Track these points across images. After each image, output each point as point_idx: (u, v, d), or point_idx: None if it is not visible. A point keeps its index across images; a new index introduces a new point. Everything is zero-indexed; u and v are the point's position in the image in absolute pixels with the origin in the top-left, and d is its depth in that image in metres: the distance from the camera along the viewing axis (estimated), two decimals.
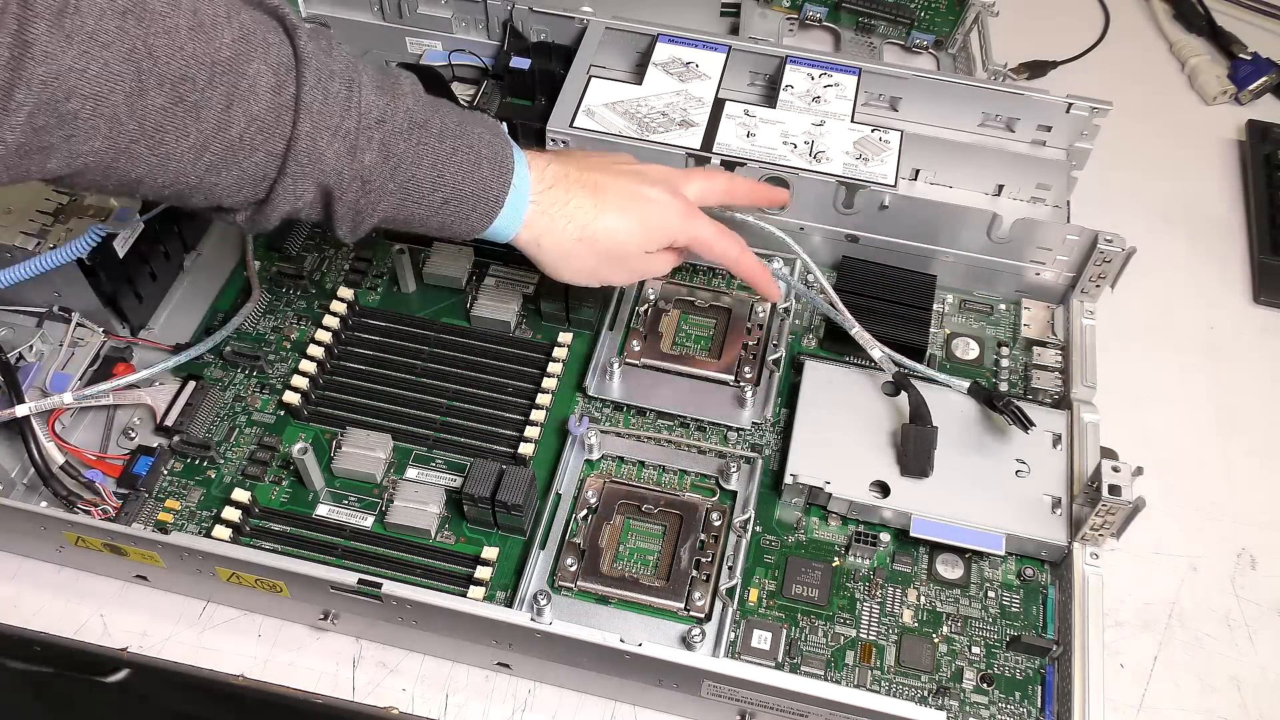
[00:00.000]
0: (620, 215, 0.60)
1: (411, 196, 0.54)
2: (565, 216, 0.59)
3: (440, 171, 0.54)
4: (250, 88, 0.48)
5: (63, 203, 0.67)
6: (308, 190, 0.51)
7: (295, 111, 0.49)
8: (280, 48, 0.49)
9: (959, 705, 0.58)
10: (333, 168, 0.51)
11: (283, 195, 0.51)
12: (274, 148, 0.49)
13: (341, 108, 0.50)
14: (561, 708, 0.60)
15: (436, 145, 0.54)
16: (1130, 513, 0.58)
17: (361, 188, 0.52)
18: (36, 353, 0.68)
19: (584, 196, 0.59)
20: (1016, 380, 0.71)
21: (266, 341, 0.72)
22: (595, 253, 0.61)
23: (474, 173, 0.55)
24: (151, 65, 0.45)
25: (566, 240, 0.59)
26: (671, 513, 0.63)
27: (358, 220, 0.54)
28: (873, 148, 0.74)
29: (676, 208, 0.62)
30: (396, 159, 0.53)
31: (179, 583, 0.62)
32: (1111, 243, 0.68)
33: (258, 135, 0.49)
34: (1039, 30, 0.96)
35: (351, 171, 0.51)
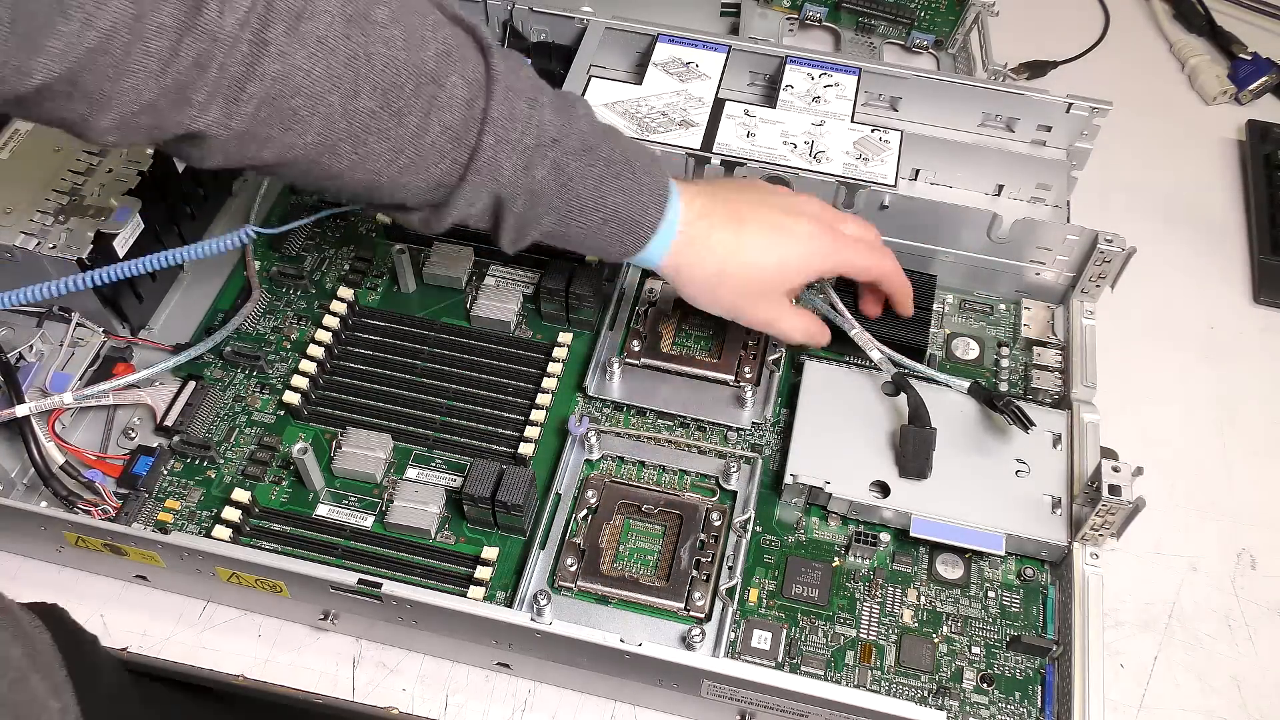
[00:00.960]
0: (762, 250, 0.61)
1: (574, 214, 0.56)
2: (706, 249, 0.60)
3: (603, 194, 0.56)
4: (448, 99, 0.51)
5: (63, 203, 0.67)
6: (481, 199, 0.54)
7: (482, 125, 0.52)
8: (476, 64, 0.53)
9: (959, 705, 0.58)
10: (508, 180, 0.53)
11: (459, 201, 0.54)
12: (459, 156, 0.53)
13: (523, 125, 0.53)
14: (561, 708, 0.60)
15: (603, 169, 0.56)
16: (1130, 513, 0.58)
17: (530, 201, 0.55)
18: (36, 353, 0.68)
19: (728, 232, 0.60)
20: (1016, 380, 0.71)
21: (266, 341, 0.72)
22: (731, 289, 0.61)
23: (634, 198, 0.57)
24: (368, 71, 0.49)
25: (706, 272, 0.60)
26: (671, 513, 0.63)
27: (521, 232, 0.57)
28: (873, 148, 0.74)
29: (822, 241, 0.62)
30: (566, 177, 0.55)
31: (179, 583, 0.62)
32: (1111, 243, 0.68)
33: (448, 144, 0.52)
34: (1039, 30, 0.96)
35: (524, 185, 0.54)
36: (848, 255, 0.63)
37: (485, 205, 0.55)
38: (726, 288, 0.61)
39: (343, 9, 0.48)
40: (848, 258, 0.63)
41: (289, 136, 0.49)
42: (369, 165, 0.52)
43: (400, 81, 0.50)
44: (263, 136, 0.49)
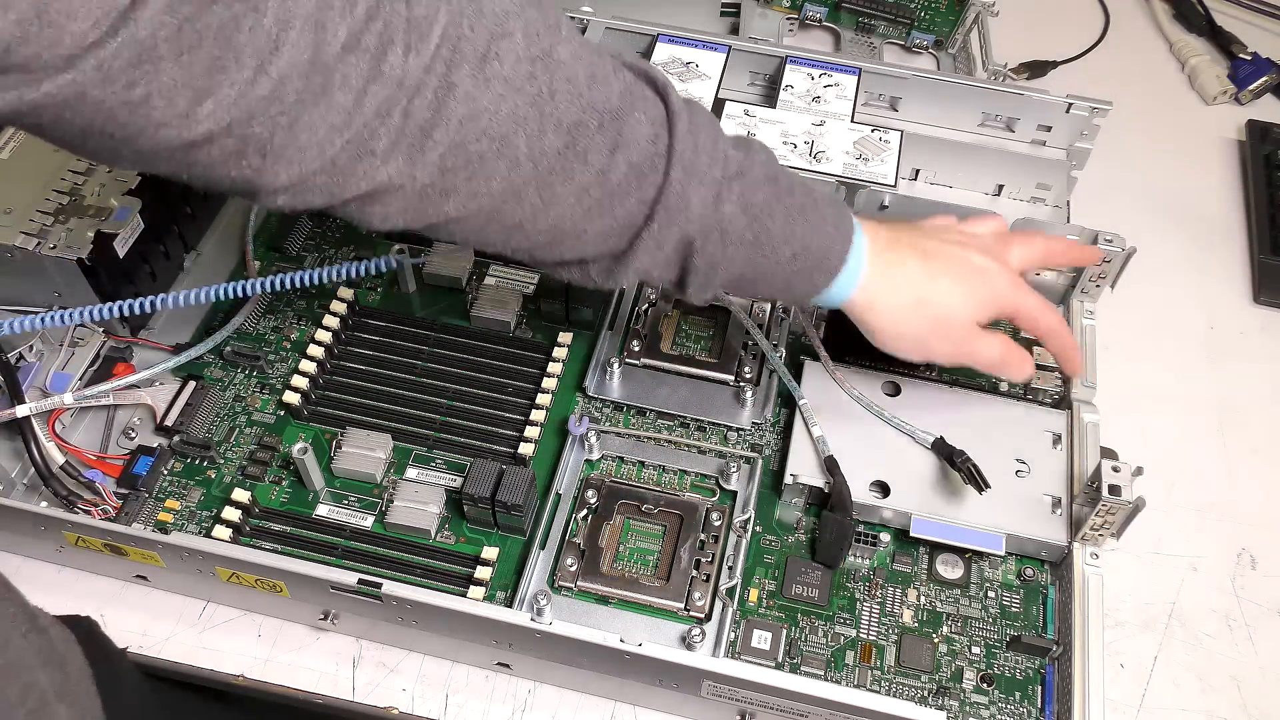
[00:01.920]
0: (952, 282, 0.59)
1: (763, 250, 0.54)
2: (902, 280, 0.58)
3: (791, 226, 0.54)
4: (632, 136, 0.50)
5: (63, 203, 0.67)
6: (669, 240, 0.52)
7: (668, 160, 0.50)
8: (655, 102, 0.51)
9: (959, 705, 0.58)
10: (697, 215, 0.51)
11: (646, 244, 0.51)
12: (646, 195, 0.50)
13: (709, 158, 0.51)
14: (561, 708, 0.60)
15: (788, 200, 0.54)
16: (1130, 513, 0.58)
17: (721, 239, 0.53)
18: (36, 353, 0.68)
19: (917, 262, 0.59)
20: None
21: (266, 341, 0.72)
22: (927, 319, 0.59)
23: (821, 229, 0.55)
24: (553, 110, 0.47)
25: (900, 304, 0.58)
26: (671, 513, 0.63)
27: (710, 274, 0.54)
28: (873, 148, 0.74)
29: (1006, 278, 0.60)
30: (754, 211, 0.53)
31: (179, 583, 0.62)
32: (1111, 243, 0.68)
33: (634, 182, 0.50)
34: (1039, 30, 0.96)
35: (714, 221, 0.52)
36: (1025, 299, 0.61)
37: (672, 249, 0.52)
38: (921, 322, 0.59)
39: (528, 49, 0.46)
40: (1025, 301, 0.61)
41: (474, 184, 0.47)
42: (554, 211, 0.50)
43: (585, 119, 0.48)
44: (447, 188, 0.47)
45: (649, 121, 0.50)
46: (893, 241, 0.59)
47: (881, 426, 0.65)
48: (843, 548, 0.61)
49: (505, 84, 0.45)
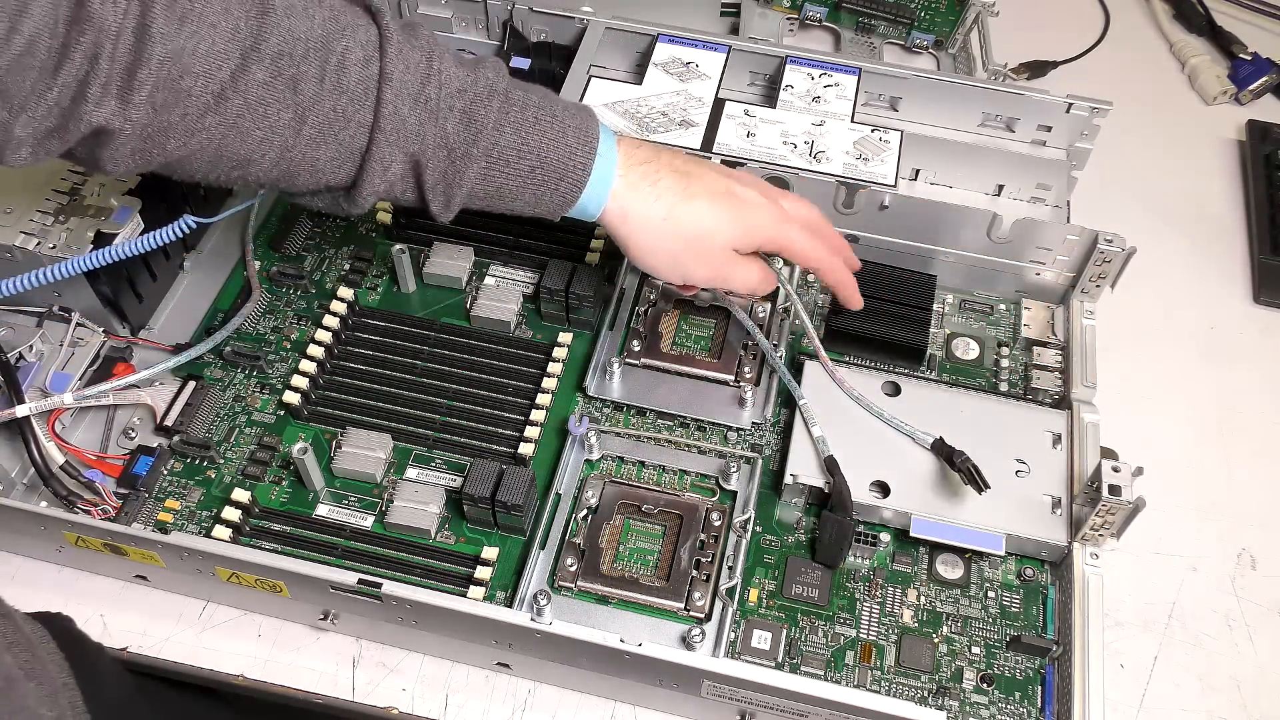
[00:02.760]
0: (709, 204, 0.59)
1: (497, 164, 0.56)
2: (653, 195, 0.59)
3: (524, 138, 0.55)
4: (340, 63, 0.52)
5: (63, 203, 0.67)
6: (396, 160, 0.54)
7: (380, 83, 0.52)
8: (367, 29, 0.53)
9: (959, 705, 0.58)
10: (415, 134, 0.53)
11: (373, 167, 0.54)
12: (364, 119, 0.53)
13: (421, 77, 0.53)
14: (561, 708, 0.60)
15: (519, 114, 0.55)
16: (1130, 513, 0.58)
17: (448, 156, 0.54)
18: (36, 353, 0.68)
19: (673, 180, 0.59)
20: (1016, 380, 0.70)
21: (266, 341, 0.72)
22: (681, 236, 0.59)
23: (560, 141, 0.56)
24: (254, 44, 0.50)
25: (653, 218, 0.59)
26: (671, 513, 0.63)
27: (449, 192, 0.56)
28: (873, 148, 0.74)
29: (770, 211, 0.61)
30: (479, 125, 0.54)
31: (179, 583, 0.62)
32: (1111, 243, 0.68)
33: (349, 106, 0.52)
34: (1039, 30, 0.96)
35: (436, 139, 0.54)
36: (790, 231, 0.61)
37: (402, 169, 0.54)
38: (676, 240, 0.59)
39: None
40: (789, 233, 0.61)
41: (188, 121, 0.50)
42: (275, 141, 0.52)
43: (287, 49, 0.50)
44: (163, 126, 0.49)
45: (360, 46, 0.52)
46: (650, 159, 0.59)
47: (881, 426, 0.65)
48: (843, 548, 0.61)
49: (200, 20, 0.48)
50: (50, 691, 0.47)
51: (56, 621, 0.52)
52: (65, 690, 0.48)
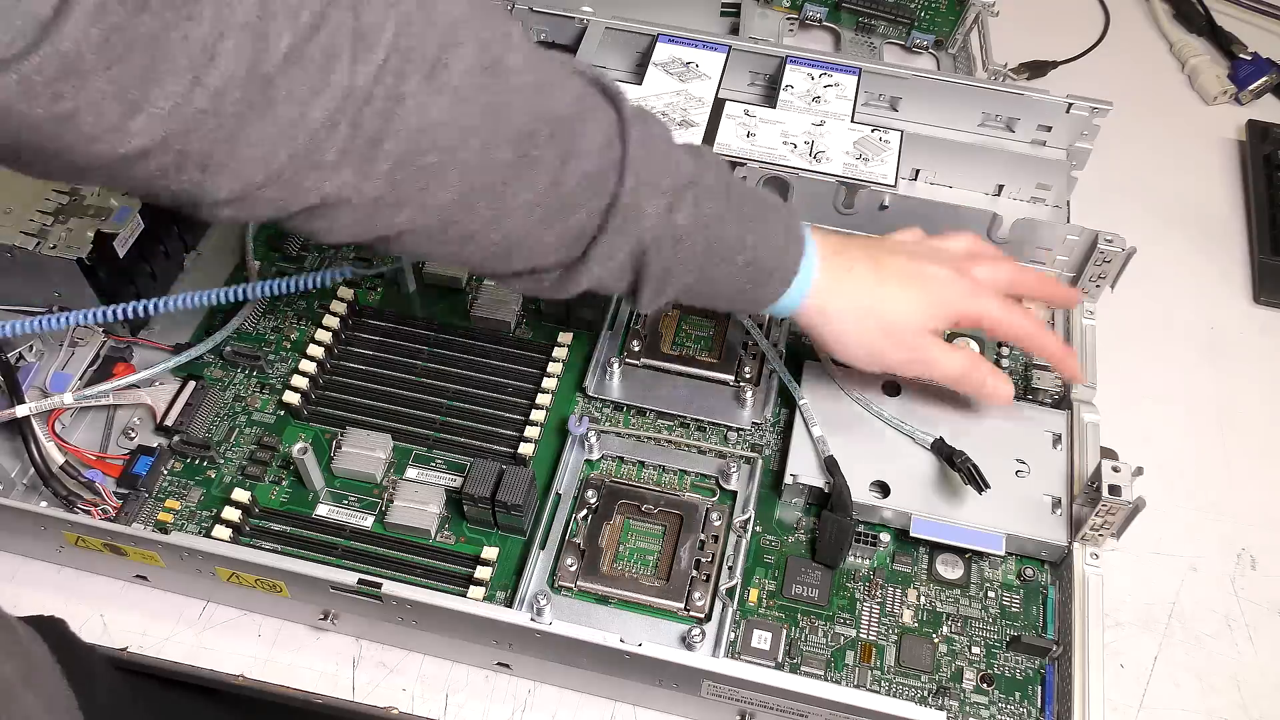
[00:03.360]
0: (900, 286, 0.59)
1: (716, 257, 0.54)
2: (850, 286, 0.58)
3: (744, 234, 0.54)
4: (584, 145, 0.49)
5: (63, 203, 0.67)
6: (622, 249, 0.51)
7: (621, 169, 0.50)
8: (606, 111, 0.51)
9: (959, 705, 0.58)
10: (650, 225, 0.51)
11: (598, 253, 0.51)
12: (598, 204, 0.50)
13: (661, 166, 0.51)
14: (561, 708, 0.60)
15: (740, 208, 0.54)
16: (1130, 513, 0.58)
17: (674, 246, 0.52)
18: (36, 353, 0.68)
19: (866, 267, 0.59)
20: (1016, 380, 0.70)
21: (266, 341, 0.72)
22: (877, 325, 0.59)
23: (773, 237, 0.56)
24: (504, 119, 0.47)
25: (849, 310, 0.58)
26: (671, 513, 0.63)
27: (664, 282, 0.54)
28: (873, 148, 0.74)
29: (961, 284, 0.60)
30: (707, 218, 0.53)
31: (179, 583, 0.62)
32: (1111, 243, 0.68)
33: (586, 191, 0.50)
34: (1039, 30, 0.96)
35: (667, 229, 0.52)
36: (984, 305, 0.60)
37: (625, 258, 0.52)
38: (871, 329, 0.59)
39: (478, 58, 0.45)
40: (983, 306, 0.60)
41: (425, 196, 0.46)
42: (506, 221, 0.49)
43: (536, 129, 0.48)
44: (397, 200, 0.46)
45: (601, 129, 0.50)
46: (842, 248, 0.59)
47: (881, 426, 0.65)
48: (843, 547, 0.61)
49: (455, 94, 0.45)
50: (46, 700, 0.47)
51: (49, 625, 0.52)
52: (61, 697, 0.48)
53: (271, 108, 0.40)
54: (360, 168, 0.44)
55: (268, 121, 0.40)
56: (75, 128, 0.37)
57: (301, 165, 0.42)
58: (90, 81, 0.36)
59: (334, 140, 0.42)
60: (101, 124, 0.37)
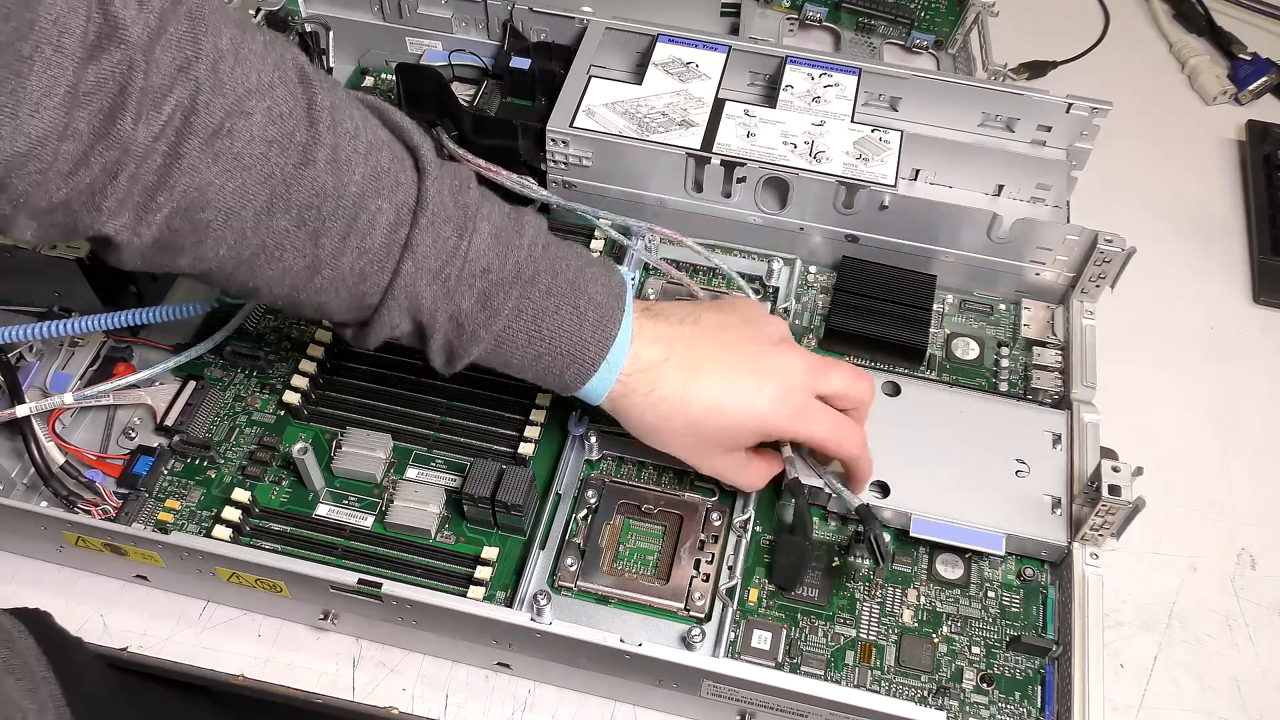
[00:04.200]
0: (710, 405, 0.56)
1: (505, 345, 0.55)
2: (646, 404, 0.56)
3: (539, 326, 0.54)
4: (369, 223, 0.51)
5: None
6: (404, 323, 0.53)
7: (403, 252, 0.51)
8: (408, 189, 0.52)
9: (959, 705, 0.58)
10: (428, 308, 0.52)
11: (382, 323, 0.53)
12: (380, 280, 0.52)
13: (448, 254, 0.52)
14: (561, 708, 0.60)
15: (540, 301, 0.54)
16: (1130, 513, 0.58)
17: (456, 330, 0.53)
18: (36, 353, 0.68)
19: (674, 383, 0.56)
20: (1016, 380, 0.70)
21: (266, 341, 0.72)
22: (676, 437, 0.58)
23: (574, 333, 0.54)
24: (284, 191, 0.49)
25: (645, 422, 0.57)
26: (671, 513, 0.63)
27: (451, 356, 0.55)
28: (873, 148, 0.74)
29: (786, 408, 0.57)
30: (493, 309, 0.53)
31: (179, 583, 0.62)
32: (1111, 243, 0.68)
33: (368, 267, 0.51)
34: (1039, 30, 0.96)
35: (446, 313, 0.53)
36: (808, 429, 0.58)
37: (410, 329, 0.54)
38: (671, 437, 0.58)
39: (265, 130, 0.47)
40: (808, 431, 0.58)
41: (202, 249, 0.49)
42: (287, 281, 0.51)
43: (319, 204, 0.49)
44: (175, 246, 0.49)
45: (393, 209, 0.51)
46: (655, 363, 0.56)
47: (881, 426, 0.65)
48: (801, 572, 0.60)
49: (235, 160, 0.47)
50: (31, 685, 0.47)
51: (35, 617, 0.52)
52: (45, 684, 0.48)
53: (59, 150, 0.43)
54: (137, 215, 0.47)
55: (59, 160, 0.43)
56: None
57: (83, 203, 0.45)
58: None
59: (114, 189, 0.45)
60: None
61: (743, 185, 0.73)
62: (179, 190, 0.46)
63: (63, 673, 0.49)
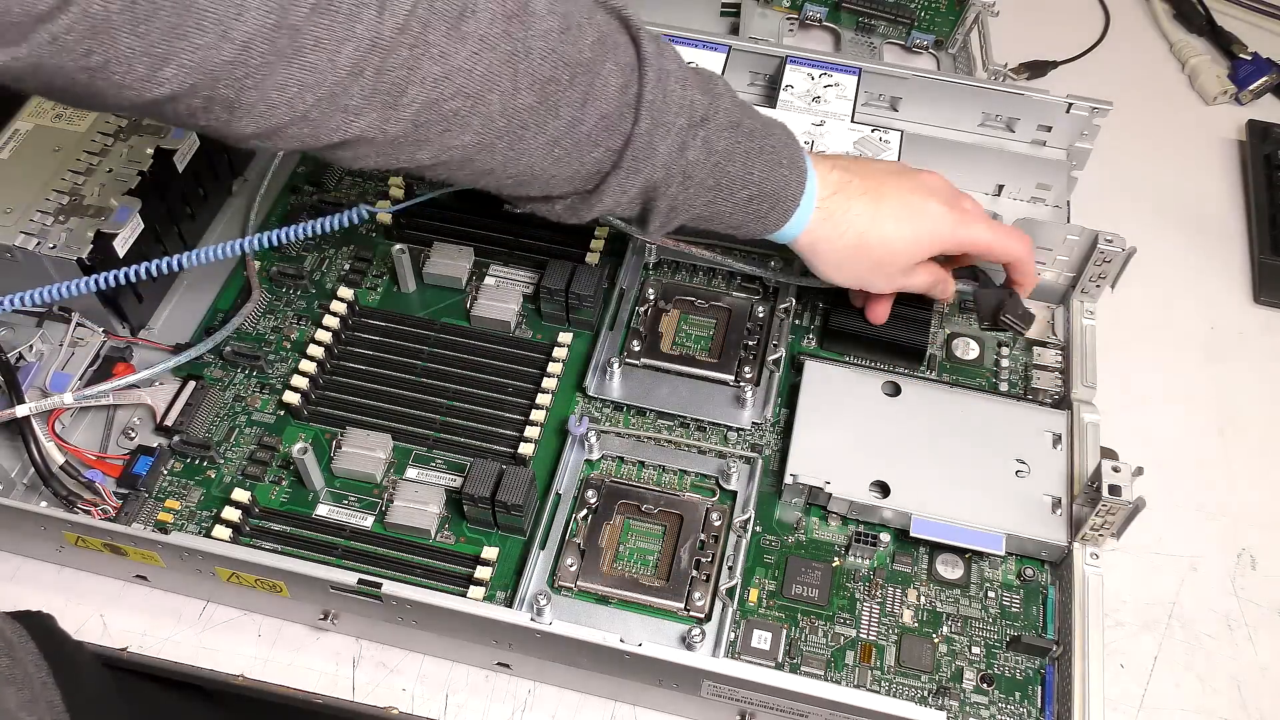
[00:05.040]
0: (896, 226, 0.61)
1: (723, 193, 0.56)
2: (845, 223, 0.60)
3: (749, 169, 0.56)
4: (603, 87, 0.51)
5: (63, 203, 0.67)
6: (634, 185, 0.54)
7: (636, 110, 0.51)
8: (627, 49, 0.52)
9: (959, 705, 0.58)
10: (662, 163, 0.53)
11: (611, 188, 0.53)
12: (613, 144, 0.52)
13: (676, 106, 0.53)
14: (561, 708, 0.60)
15: (747, 144, 0.55)
16: (1130, 513, 0.58)
17: (684, 183, 0.54)
18: (36, 353, 0.68)
19: (864, 205, 0.60)
20: (1016, 380, 0.70)
21: (266, 341, 0.72)
22: (867, 259, 0.62)
23: (776, 171, 0.57)
24: (526, 66, 0.48)
25: (842, 246, 0.61)
26: (671, 513, 0.63)
27: (670, 216, 0.56)
28: (873, 148, 0.74)
29: (950, 219, 0.62)
30: (717, 155, 0.54)
31: (179, 583, 0.62)
32: (1111, 243, 0.68)
33: (603, 132, 0.51)
34: (1039, 30, 0.96)
35: (677, 167, 0.53)
36: (975, 231, 0.63)
37: (636, 192, 0.54)
38: (862, 262, 0.62)
39: (503, 5, 0.47)
40: (975, 233, 0.63)
41: (447, 138, 0.48)
42: (524, 160, 0.51)
43: (558, 75, 0.49)
44: (419, 139, 0.48)
45: (620, 71, 0.51)
46: (844, 184, 0.60)
47: (882, 426, 0.65)
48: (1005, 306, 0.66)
49: (480, 42, 0.46)
50: (31, 696, 0.47)
51: (35, 620, 0.52)
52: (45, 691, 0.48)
53: (299, 56, 0.42)
54: (384, 112, 0.45)
55: (295, 69, 0.42)
56: (106, 78, 0.39)
57: (327, 109, 0.44)
58: (118, 39, 0.38)
59: (359, 86, 0.44)
60: (131, 75, 0.40)
61: None
62: (429, 81, 0.45)
63: (62, 678, 0.49)
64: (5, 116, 0.70)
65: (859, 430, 0.65)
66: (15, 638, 0.49)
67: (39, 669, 0.48)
